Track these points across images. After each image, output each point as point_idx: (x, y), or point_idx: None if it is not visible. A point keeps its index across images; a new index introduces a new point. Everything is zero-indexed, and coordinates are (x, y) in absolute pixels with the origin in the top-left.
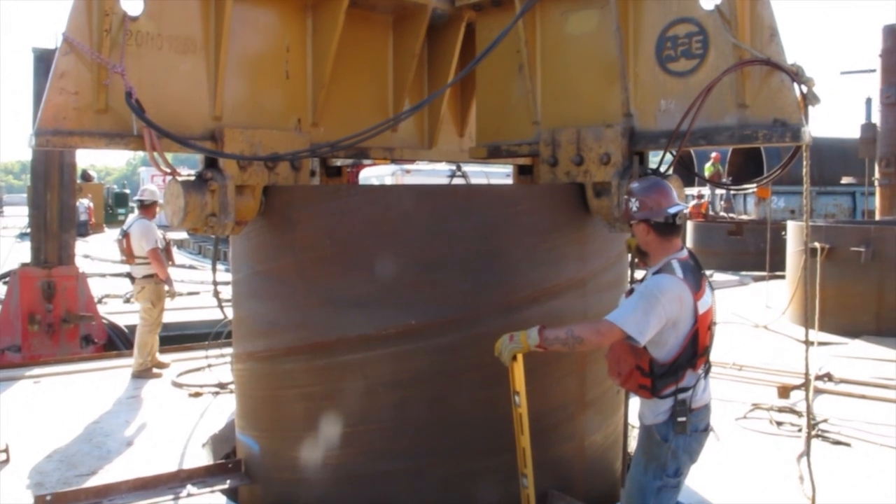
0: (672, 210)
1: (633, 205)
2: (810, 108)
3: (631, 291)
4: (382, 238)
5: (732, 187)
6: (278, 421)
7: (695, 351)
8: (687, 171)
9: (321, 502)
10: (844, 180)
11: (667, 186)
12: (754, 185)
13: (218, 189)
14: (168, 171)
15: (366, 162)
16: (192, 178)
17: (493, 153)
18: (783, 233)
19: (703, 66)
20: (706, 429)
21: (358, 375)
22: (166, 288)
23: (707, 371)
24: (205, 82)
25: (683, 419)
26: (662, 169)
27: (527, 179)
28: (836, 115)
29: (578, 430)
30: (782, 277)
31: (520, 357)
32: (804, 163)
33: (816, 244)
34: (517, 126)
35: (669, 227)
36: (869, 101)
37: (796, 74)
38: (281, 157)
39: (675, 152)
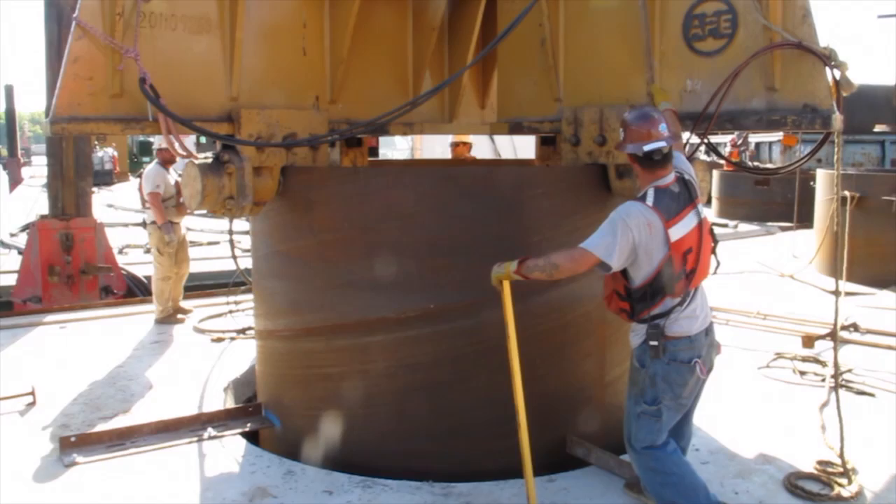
0: (647, 147)
1: (622, 134)
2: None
3: None
4: (401, 221)
5: (763, 173)
6: (299, 399)
7: (671, 276)
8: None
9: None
10: (878, 128)
11: (655, 119)
12: (785, 168)
13: (235, 171)
14: (185, 154)
15: None
16: (209, 160)
17: (515, 129)
18: (811, 182)
19: (731, 47)
20: (690, 362)
21: (377, 357)
22: (167, 237)
23: (686, 299)
24: (220, 62)
25: (655, 343)
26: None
27: (549, 150)
28: (872, 61)
29: (597, 411)
30: (810, 227)
31: (506, 285)
32: (836, 141)
33: (846, 192)
34: (539, 102)
35: (649, 161)
36: None
37: (828, 58)
38: (297, 142)
39: (700, 135)
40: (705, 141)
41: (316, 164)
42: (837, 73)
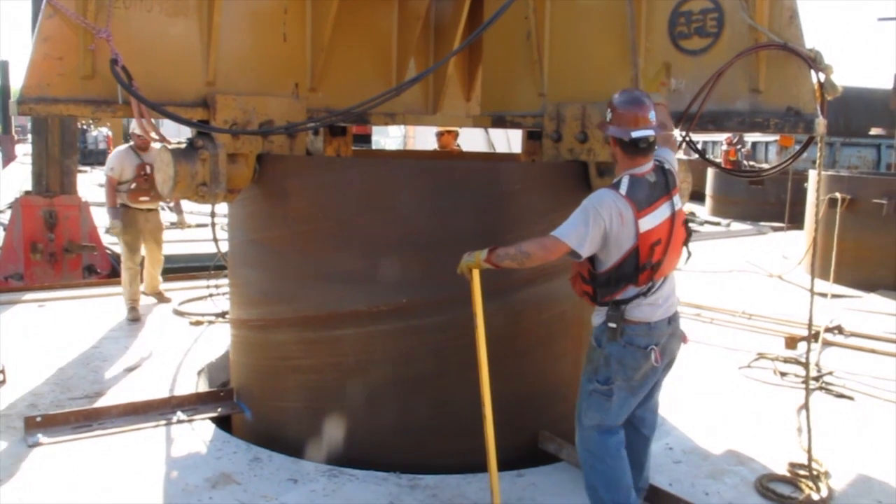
0: (635, 134)
1: (608, 115)
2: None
3: None
4: (377, 214)
5: (742, 175)
6: (269, 391)
7: (636, 266)
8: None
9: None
10: (873, 131)
11: (644, 104)
12: (767, 171)
13: (209, 158)
14: (157, 138)
15: None
16: (183, 145)
17: (498, 123)
18: (804, 184)
19: (716, 46)
20: (646, 348)
21: (348, 351)
22: (110, 223)
23: (651, 288)
24: (197, 46)
25: (614, 325)
26: None
27: (536, 145)
28: (871, 64)
29: (571, 409)
30: (801, 228)
31: (476, 274)
32: (819, 145)
33: (837, 194)
34: (523, 96)
35: (633, 148)
36: None
37: (814, 61)
38: (272, 130)
39: (683, 135)
40: (687, 140)
41: (293, 153)
42: (822, 77)
